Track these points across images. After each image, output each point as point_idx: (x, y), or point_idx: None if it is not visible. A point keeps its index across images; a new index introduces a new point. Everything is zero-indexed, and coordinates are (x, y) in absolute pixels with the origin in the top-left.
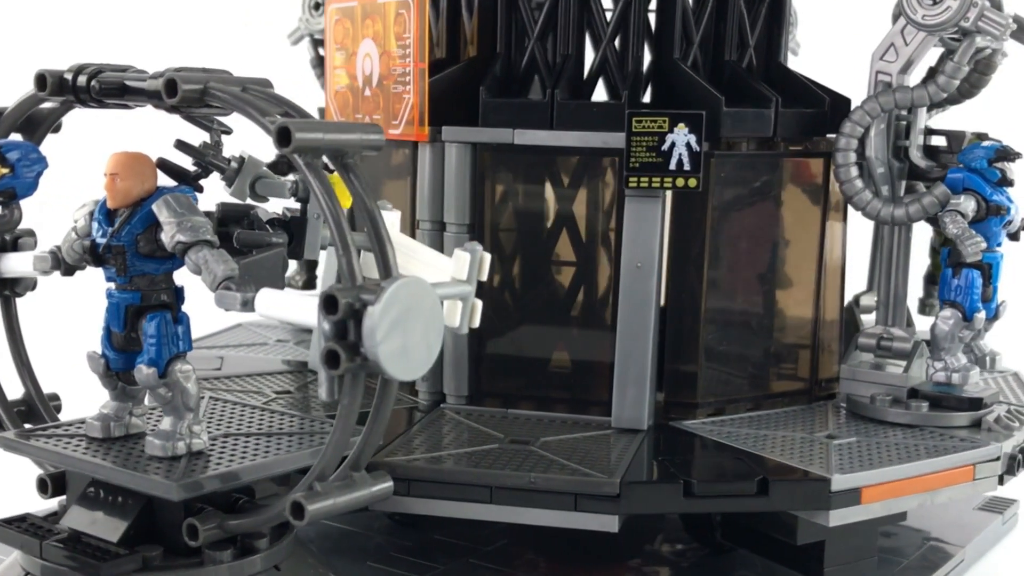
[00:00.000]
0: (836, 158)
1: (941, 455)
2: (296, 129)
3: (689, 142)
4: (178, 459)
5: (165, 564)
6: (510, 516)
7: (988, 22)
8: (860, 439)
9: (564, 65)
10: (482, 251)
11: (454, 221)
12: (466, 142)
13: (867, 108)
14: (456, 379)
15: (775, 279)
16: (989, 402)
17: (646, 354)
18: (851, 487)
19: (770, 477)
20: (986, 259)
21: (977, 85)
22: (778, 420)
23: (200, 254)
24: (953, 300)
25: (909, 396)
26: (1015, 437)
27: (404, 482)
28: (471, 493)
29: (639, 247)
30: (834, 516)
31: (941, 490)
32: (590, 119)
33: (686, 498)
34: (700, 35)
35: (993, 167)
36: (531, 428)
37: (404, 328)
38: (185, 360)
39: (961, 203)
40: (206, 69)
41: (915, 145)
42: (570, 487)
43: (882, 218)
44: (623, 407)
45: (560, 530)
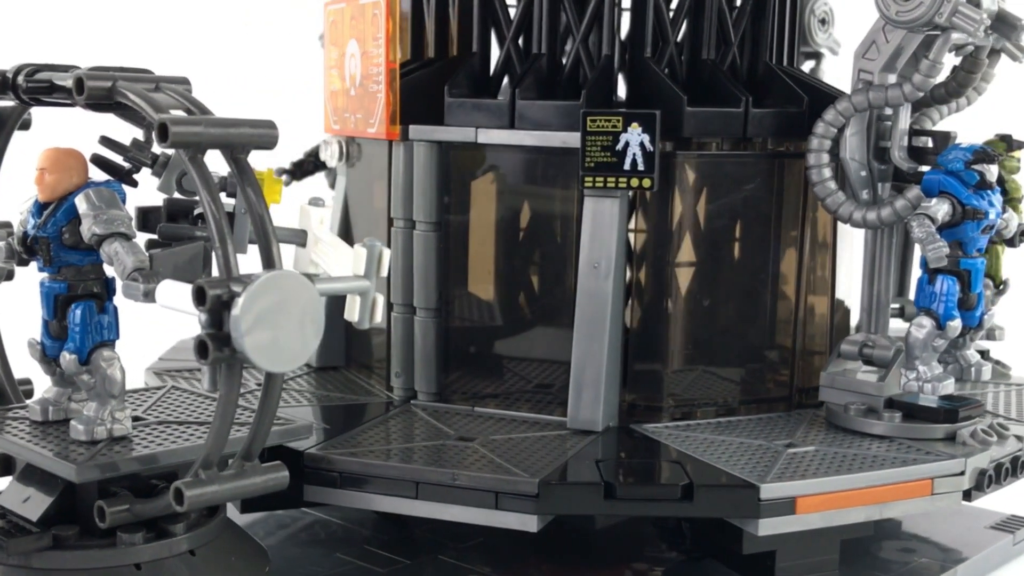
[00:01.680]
0: (808, 159)
1: (895, 467)
2: (172, 124)
3: (643, 142)
4: (97, 443)
5: (78, 544)
6: (435, 512)
7: (962, 18)
8: (819, 448)
9: (533, 64)
10: (381, 247)
11: (422, 219)
12: (432, 141)
13: (840, 108)
14: (426, 377)
15: (748, 282)
16: (969, 415)
17: (601, 355)
18: (783, 496)
19: (696, 483)
20: (963, 266)
21: (965, 84)
22: (745, 427)
23: (112, 246)
24: (928, 307)
25: (886, 406)
26: (989, 452)
27: (336, 475)
28: (398, 488)
29: (597, 247)
30: (764, 525)
31: (892, 504)
32: (549, 119)
33: (607, 500)
34: (676, 34)
35: (971, 170)
36: (488, 426)
37: (275, 321)
38: (111, 348)
39: (931, 206)
40: (124, 69)
41: (897, 146)
42: (491, 485)
43: (854, 221)
44: (578, 408)
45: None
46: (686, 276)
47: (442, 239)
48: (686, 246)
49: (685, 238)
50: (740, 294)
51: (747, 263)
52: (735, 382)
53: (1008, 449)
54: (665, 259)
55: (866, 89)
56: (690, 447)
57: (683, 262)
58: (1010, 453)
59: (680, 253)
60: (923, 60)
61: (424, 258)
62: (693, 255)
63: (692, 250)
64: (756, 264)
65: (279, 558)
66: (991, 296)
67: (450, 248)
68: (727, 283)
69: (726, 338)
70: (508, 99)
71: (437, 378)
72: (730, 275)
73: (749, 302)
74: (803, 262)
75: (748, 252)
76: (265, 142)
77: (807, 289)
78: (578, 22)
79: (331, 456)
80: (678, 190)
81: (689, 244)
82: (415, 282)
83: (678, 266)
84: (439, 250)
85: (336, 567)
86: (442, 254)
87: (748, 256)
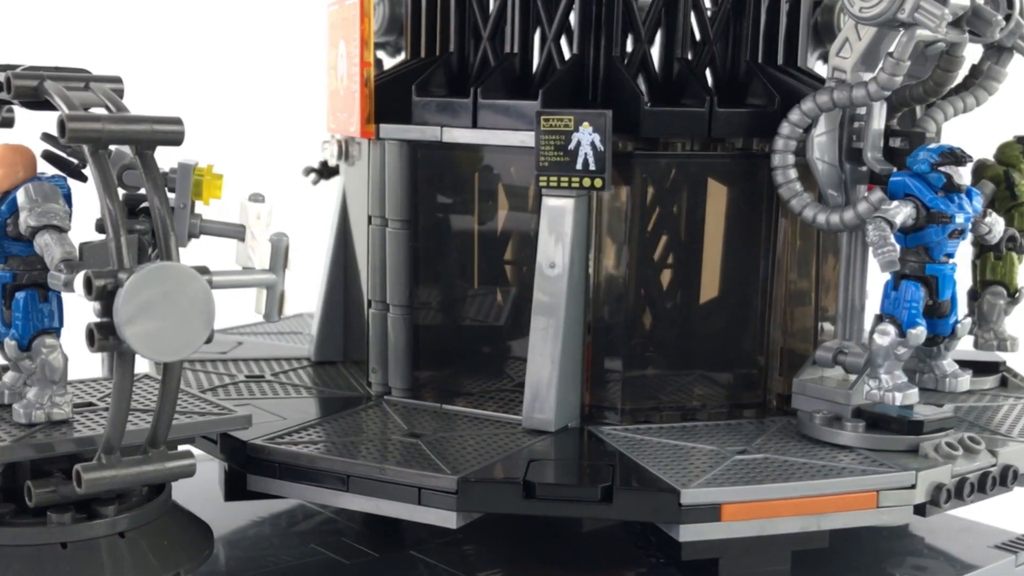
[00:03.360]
0: (773, 159)
1: (836, 477)
2: (69, 120)
3: (593, 141)
4: (34, 427)
5: (11, 521)
6: (364, 506)
7: (924, 13)
8: (770, 456)
9: (502, 64)
10: (287, 242)
11: (394, 217)
12: (401, 140)
13: (805, 109)
14: (398, 373)
15: (712, 286)
16: (937, 427)
17: (554, 356)
18: (707, 503)
19: (617, 486)
20: (929, 271)
21: (942, 83)
22: (708, 432)
23: (44, 237)
24: (892, 314)
25: (854, 415)
26: (950, 466)
27: (276, 466)
28: (329, 481)
29: (552, 247)
30: (686, 531)
31: (832, 515)
32: (509, 118)
33: (526, 500)
34: (650, 32)
35: (938, 171)
36: (447, 424)
37: (159, 311)
38: (53, 336)
39: (890, 210)
40: (60, 68)
41: (871, 147)
42: (414, 480)
43: (818, 224)
44: (532, 408)
45: (527, 531)
46: (647, 278)
47: (412, 237)
48: (648, 248)
49: (647, 239)
50: (707, 297)
51: (714, 265)
52: (703, 387)
53: (976, 464)
54: (626, 261)
55: (830, 89)
56: (637, 450)
57: (645, 264)
58: (979, 469)
59: (641, 255)
60: (887, 58)
61: (396, 255)
62: (655, 257)
63: (655, 252)
64: (724, 266)
65: (256, 544)
66: (1004, 305)
67: (419, 246)
68: (692, 286)
69: (693, 342)
70: (471, 99)
71: (410, 375)
72: (696, 277)
73: (716, 305)
74: (776, 264)
75: (715, 254)
76: (170, 139)
77: (783, 293)
78: (549, 22)
79: (270, 447)
80: (638, 191)
81: (652, 246)
82: (388, 279)
83: (639, 268)
84: (410, 248)
85: (304, 557)
86: (413, 252)
87: (715, 258)
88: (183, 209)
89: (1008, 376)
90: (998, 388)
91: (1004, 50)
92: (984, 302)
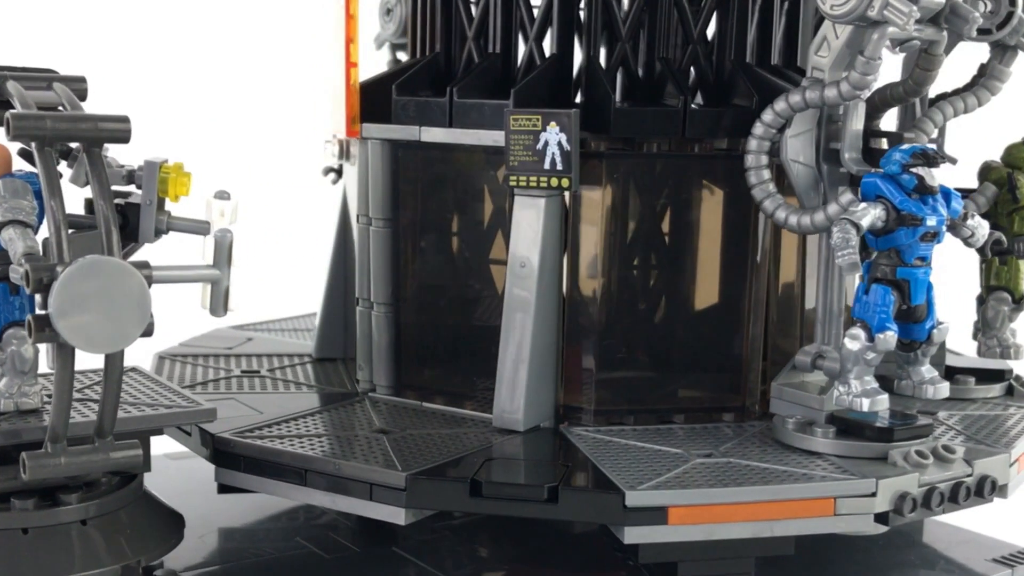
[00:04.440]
0: (747, 160)
1: (791, 483)
2: (14, 118)
3: (560, 141)
4: (2, 415)
5: None
6: (321, 500)
7: (893, 11)
8: (734, 461)
9: (484, 64)
10: (231, 238)
11: (377, 215)
12: (383, 139)
13: (778, 109)
14: (382, 371)
15: (689, 287)
16: (910, 434)
17: (523, 355)
18: (652, 505)
19: (564, 486)
20: (900, 275)
21: (922, 82)
22: (678, 436)
23: (8, 232)
24: (861, 318)
25: (827, 421)
26: (916, 475)
27: (240, 459)
28: (289, 475)
29: (523, 246)
30: (631, 533)
31: (786, 521)
32: (484, 118)
33: (472, 498)
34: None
35: (910, 173)
36: (421, 421)
37: (92, 305)
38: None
39: (857, 212)
40: (26, 69)
41: (848, 147)
42: (366, 477)
43: (790, 226)
44: (501, 408)
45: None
46: (621, 279)
47: (395, 236)
48: (624, 248)
49: (622, 240)
50: (685, 299)
51: (692, 266)
52: (682, 389)
53: (948, 474)
54: (600, 261)
55: (803, 88)
56: (600, 452)
57: (619, 265)
58: (951, 478)
59: (616, 255)
60: (858, 57)
61: (379, 254)
62: (631, 258)
63: (630, 252)
64: (703, 268)
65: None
66: (1008, 312)
67: (401, 245)
68: (670, 287)
69: (671, 344)
70: (447, 98)
71: (393, 373)
72: (673, 279)
73: (695, 308)
74: (757, 266)
75: (693, 255)
76: (115, 136)
77: (766, 295)
78: (530, 22)
79: (234, 440)
80: (611, 191)
81: (627, 246)
82: (372, 277)
83: (613, 268)
84: (392, 246)
85: (286, 550)
86: (395, 250)
87: (693, 259)
88: (149, 206)
89: (1016, 385)
90: (1004, 396)
91: (1008, 49)
92: (988, 308)
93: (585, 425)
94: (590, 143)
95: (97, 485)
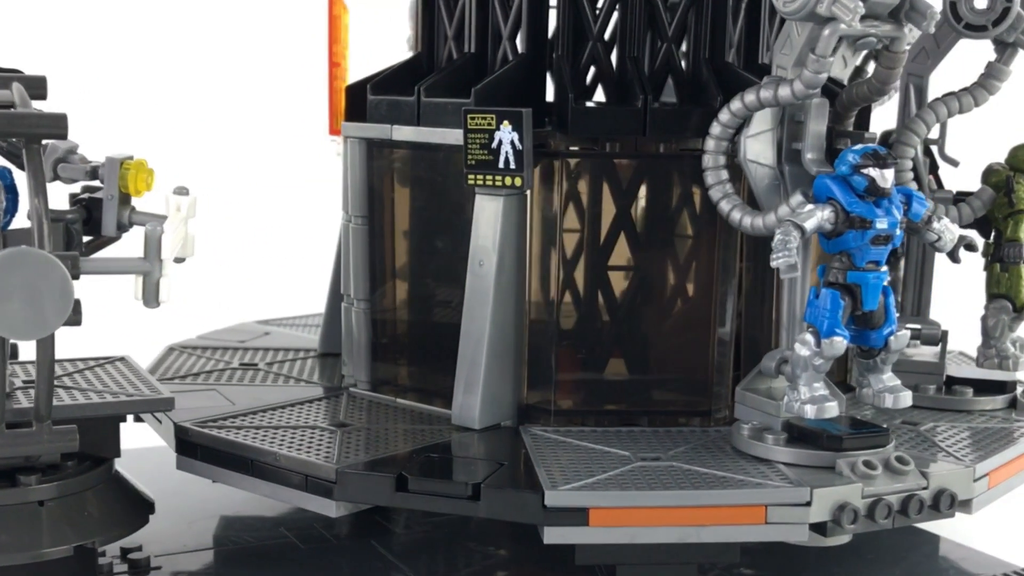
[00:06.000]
0: (704, 160)
1: (719, 489)
2: None
3: (513, 140)
4: None
5: None
6: (265, 490)
7: (840, 7)
8: (677, 465)
9: (455, 63)
10: (160, 232)
11: (356, 213)
12: (359, 137)
13: (733, 109)
14: (361, 366)
15: (653, 289)
16: (860, 444)
17: (480, 354)
18: (573, 506)
19: (487, 484)
20: (851, 279)
21: (886, 81)
22: (636, 438)
23: None
24: (811, 322)
25: (783, 429)
26: (859, 486)
27: (195, 447)
28: (237, 464)
29: (482, 244)
30: (551, 534)
31: (714, 527)
32: (447, 116)
33: (397, 492)
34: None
35: (860, 174)
36: (387, 416)
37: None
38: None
39: (802, 213)
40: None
41: (809, 148)
42: (303, 469)
43: (743, 227)
44: (459, 405)
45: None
46: (584, 280)
47: (370, 233)
48: (587, 248)
49: (585, 240)
50: (649, 301)
51: (658, 267)
52: (647, 392)
53: (898, 486)
54: (561, 261)
55: (758, 87)
56: (547, 451)
57: (581, 265)
58: (902, 491)
59: (578, 255)
60: (809, 56)
61: (357, 250)
62: (593, 258)
63: (593, 252)
64: (668, 269)
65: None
66: (1008, 321)
67: (377, 242)
68: (634, 289)
69: (635, 346)
70: (415, 97)
71: (370, 368)
72: (638, 280)
73: (659, 309)
74: (724, 268)
75: (659, 255)
76: (52, 133)
77: (730, 297)
78: (504, 21)
79: (192, 429)
80: (569, 190)
81: (590, 246)
82: (351, 273)
83: (574, 269)
84: (369, 243)
85: (267, 538)
86: (371, 247)
87: (659, 260)
88: (111, 200)
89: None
90: (1007, 409)
91: (1007, 46)
92: (988, 316)
93: (546, 425)
94: (551, 143)
95: (62, 468)
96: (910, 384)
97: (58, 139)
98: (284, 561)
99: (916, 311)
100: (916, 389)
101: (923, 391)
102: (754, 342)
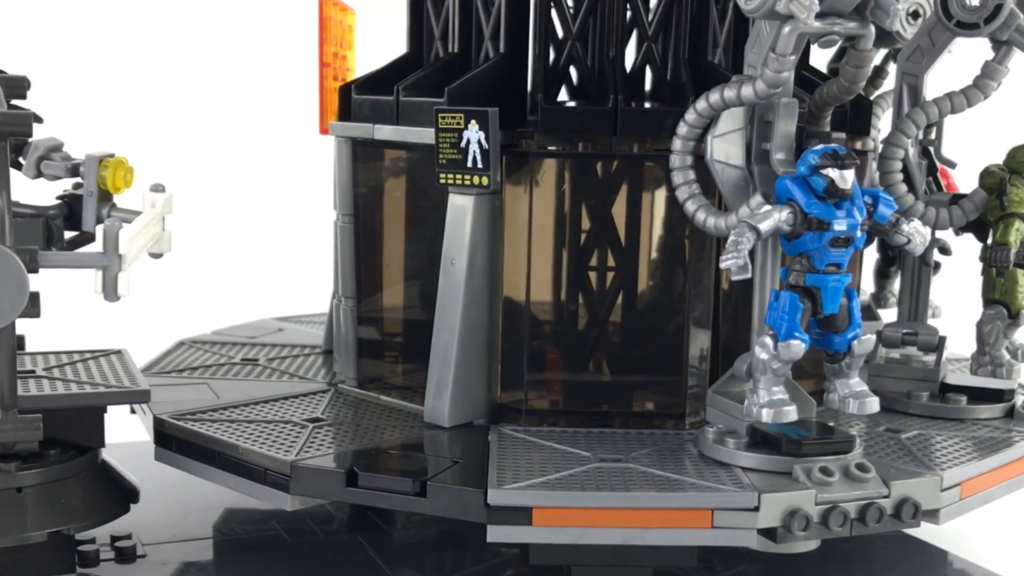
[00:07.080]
0: (672, 160)
1: (666, 492)
2: None
3: (480, 139)
4: None
5: None
6: (229, 483)
7: (796, 5)
8: (634, 467)
9: (437, 63)
10: (118, 228)
11: (343, 211)
12: (345, 137)
13: (699, 108)
14: (349, 364)
15: (626, 290)
16: (820, 449)
17: (451, 352)
18: (515, 505)
19: (433, 481)
20: (810, 282)
21: (855, 80)
22: (604, 439)
23: None
24: (770, 325)
25: (747, 432)
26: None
27: (170, 439)
28: (205, 457)
29: (453, 243)
30: (494, 532)
31: (660, 530)
32: (424, 116)
33: (348, 487)
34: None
35: (819, 174)
36: (364, 412)
37: None
38: None
39: (759, 214)
40: None
41: (778, 148)
42: (261, 462)
43: (707, 228)
44: (431, 403)
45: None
46: (556, 279)
47: (356, 231)
48: (559, 248)
49: (557, 239)
50: (622, 301)
51: (630, 267)
52: (620, 393)
53: (856, 493)
54: (533, 260)
55: (722, 87)
56: (508, 450)
57: (552, 265)
58: (860, 498)
59: (549, 255)
60: (769, 55)
61: (344, 248)
62: (564, 258)
63: (564, 252)
64: (640, 269)
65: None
66: (1003, 327)
67: (360, 240)
68: (607, 290)
69: (608, 347)
70: (394, 97)
71: (357, 365)
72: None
73: (633, 310)
74: (694, 269)
75: (632, 256)
76: (18, 131)
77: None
78: (486, 20)
79: (168, 422)
80: (539, 190)
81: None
82: (340, 271)
83: (545, 268)
84: (355, 241)
85: (256, 531)
86: (356, 245)
87: (632, 260)
88: (90, 196)
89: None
90: (1003, 419)
91: (1002, 44)
92: (983, 322)
93: (516, 424)
94: (520, 141)
95: (44, 456)
96: (903, 390)
97: (24, 136)
98: (268, 553)
99: (913, 316)
100: (909, 396)
101: (916, 398)
102: (737, 345)
